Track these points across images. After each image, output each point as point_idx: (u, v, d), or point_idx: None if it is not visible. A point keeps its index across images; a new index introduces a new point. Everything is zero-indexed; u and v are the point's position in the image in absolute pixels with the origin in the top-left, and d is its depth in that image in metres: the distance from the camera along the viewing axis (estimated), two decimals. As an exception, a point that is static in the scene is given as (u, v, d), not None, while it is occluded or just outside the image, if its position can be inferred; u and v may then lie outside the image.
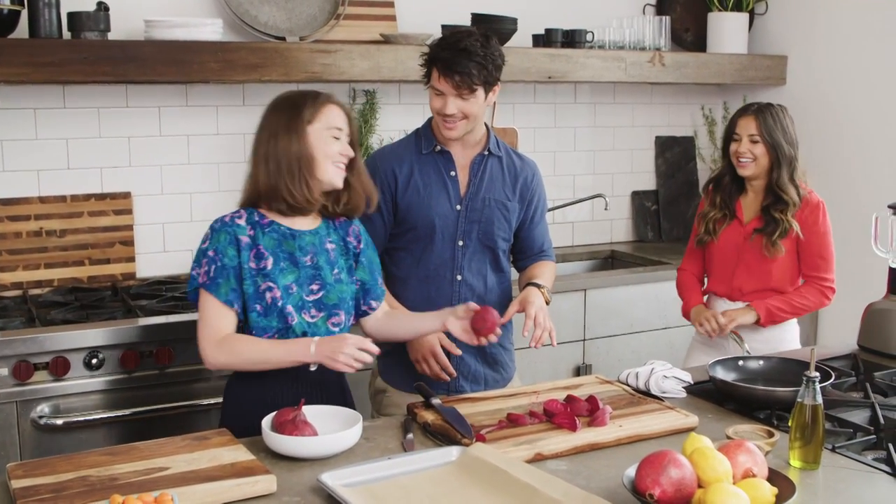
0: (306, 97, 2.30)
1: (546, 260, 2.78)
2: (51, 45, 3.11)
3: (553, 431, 2.10)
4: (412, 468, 1.92)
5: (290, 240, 2.29)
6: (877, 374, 2.58)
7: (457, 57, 2.44)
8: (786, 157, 2.99)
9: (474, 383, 2.67)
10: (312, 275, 2.31)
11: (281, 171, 2.25)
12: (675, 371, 2.45)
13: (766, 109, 3.03)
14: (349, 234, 2.41)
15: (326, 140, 2.27)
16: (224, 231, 2.25)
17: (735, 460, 1.75)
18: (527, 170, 2.72)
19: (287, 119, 2.27)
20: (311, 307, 2.29)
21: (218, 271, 2.23)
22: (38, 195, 3.44)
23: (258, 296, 2.24)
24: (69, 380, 2.91)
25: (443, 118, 2.51)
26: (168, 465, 1.88)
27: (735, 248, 3.07)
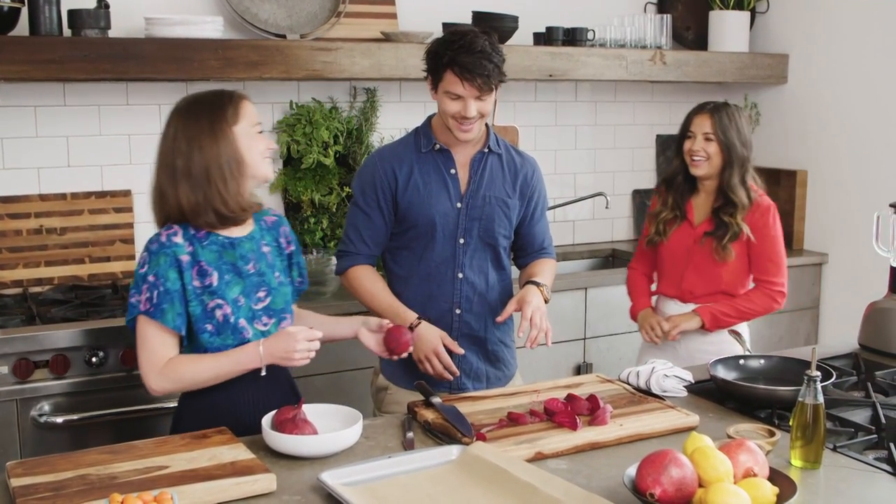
0: (221, 97, 2.20)
1: (546, 257, 2.78)
2: (51, 43, 3.11)
3: (553, 430, 2.09)
4: (412, 467, 1.91)
5: (230, 249, 2.21)
6: (878, 373, 2.57)
7: (478, 60, 2.41)
8: (738, 158, 2.95)
9: (476, 381, 2.67)
10: (258, 282, 2.23)
11: (211, 181, 2.12)
12: (675, 370, 2.45)
13: (721, 108, 3.00)
14: (280, 235, 2.36)
15: (254, 137, 2.20)
16: (162, 253, 2.13)
17: (736, 460, 1.74)
18: (527, 167, 2.71)
19: (209, 124, 2.15)
20: (261, 315, 2.23)
21: (161, 297, 2.11)
22: (38, 193, 3.44)
23: (207, 315, 2.15)
24: (69, 378, 2.91)
25: (460, 121, 2.48)
26: (167, 464, 1.88)
27: (685, 250, 3.04)
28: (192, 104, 2.20)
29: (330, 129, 3.69)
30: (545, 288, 2.60)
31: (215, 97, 2.20)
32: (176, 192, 2.15)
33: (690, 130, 3.00)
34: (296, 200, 3.73)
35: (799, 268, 4.26)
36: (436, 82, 2.51)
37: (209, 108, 2.17)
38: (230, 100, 2.19)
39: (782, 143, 4.44)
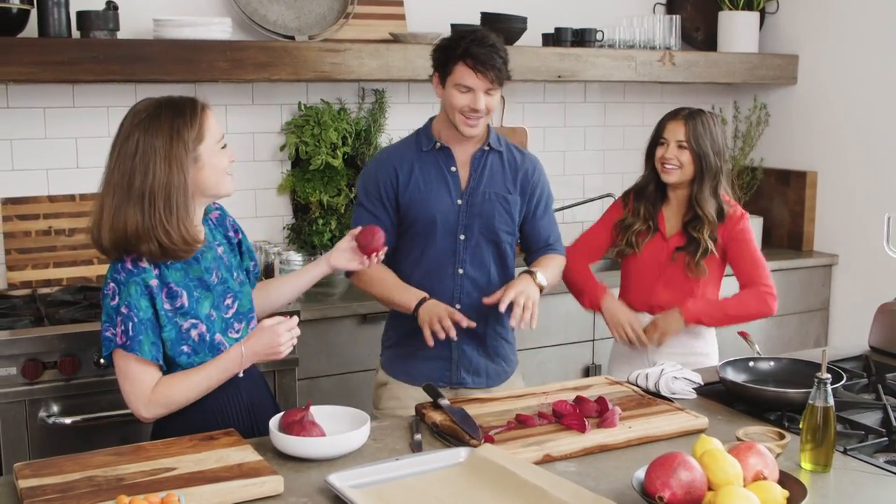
0: (184, 112, 2.06)
1: (553, 253, 2.79)
2: (60, 45, 3.11)
3: (562, 433, 2.08)
4: (420, 469, 1.91)
5: (194, 265, 2.15)
6: (889, 375, 2.55)
7: (490, 52, 2.48)
8: (710, 169, 2.85)
9: (476, 376, 2.69)
10: (223, 290, 2.20)
11: (156, 208, 2.00)
12: (685, 372, 2.43)
13: (696, 116, 2.88)
14: (228, 229, 2.31)
15: (218, 154, 2.10)
16: (132, 282, 2.04)
17: (746, 463, 1.73)
18: (527, 164, 2.74)
19: (167, 144, 2.02)
20: (233, 322, 2.21)
21: (136, 328, 2.04)
22: (47, 194, 3.44)
23: (182, 337, 2.10)
24: (78, 379, 2.91)
25: (466, 115, 2.52)
26: (175, 466, 1.88)
27: (657, 264, 2.94)
28: (153, 117, 2.04)
29: (338, 131, 3.69)
30: (538, 274, 2.60)
31: (178, 111, 2.06)
32: (124, 213, 2.02)
33: (663, 137, 2.89)
34: (304, 202, 3.73)
35: (809, 269, 4.24)
36: (444, 76, 2.53)
37: (170, 125, 2.03)
38: (193, 114, 2.06)
39: (792, 144, 4.42)
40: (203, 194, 2.12)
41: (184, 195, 2.04)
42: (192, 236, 2.08)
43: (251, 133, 3.71)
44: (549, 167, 4.27)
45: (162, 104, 2.07)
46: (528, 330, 2.55)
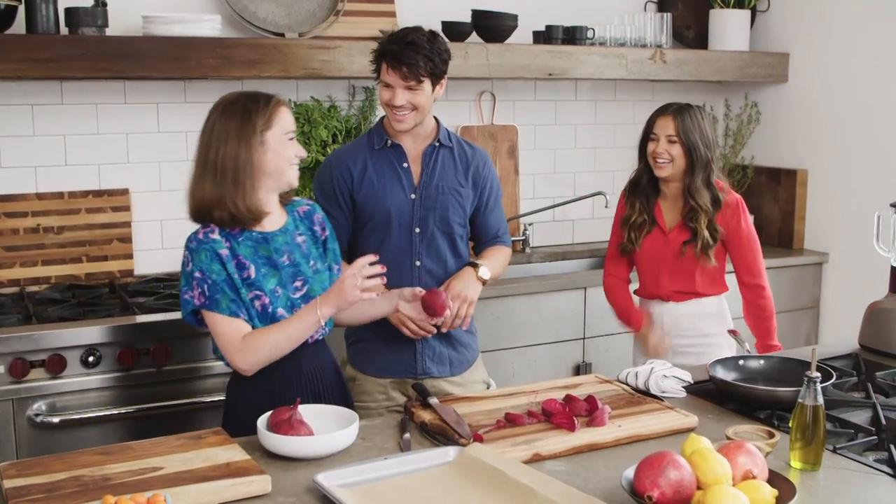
0: (258, 101, 2.26)
1: (500, 245, 2.87)
2: (48, 41, 3.10)
3: (551, 431, 2.08)
4: (409, 468, 1.90)
5: (264, 244, 2.30)
6: (878, 373, 2.55)
7: (404, 49, 2.54)
8: (701, 160, 2.93)
9: (440, 365, 2.74)
10: (293, 273, 2.32)
11: (227, 180, 2.22)
12: (674, 370, 2.43)
13: (685, 110, 2.97)
14: (314, 223, 2.44)
15: (285, 144, 2.26)
16: (202, 249, 2.23)
17: (735, 462, 1.73)
18: (478, 158, 2.80)
19: (238, 124, 2.23)
20: (300, 304, 2.31)
21: (212, 289, 2.22)
22: (35, 192, 3.42)
23: (249, 304, 2.25)
24: (66, 377, 2.90)
25: (392, 111, 2.60)
26: (162, 465, 1.86)
27: (658, 256, 3.03)
28: (231, 103, 2.27)
29: (328, 128, 3.68)
30: (481, 268, 2.70)
31: (252, 100, 2.26)
32: (202, 184, 2.25)
33: (654, 132, 2.98)
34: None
35: (799, 267, 4.24)
36: (377, 74, 2.63)
37: (243, 109, 2.23)
38: (266, 104, 2.25)
39: (782, 143, 4.42)
40: (268, 177, 2.26)
41: (250, 173, 2.22)
42: (258, 209, 2.26)
43: (241, 130, 3.69)
44: (539, 165, 4.31)
45: (242, 94, 2.30)
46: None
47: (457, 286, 2.64)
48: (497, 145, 4.16)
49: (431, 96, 2.62)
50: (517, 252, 4.20)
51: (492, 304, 3.56)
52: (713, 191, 2.95)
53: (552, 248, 4.31)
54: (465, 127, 4.09)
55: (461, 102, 4.09)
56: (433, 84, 2.60)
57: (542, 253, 4.24)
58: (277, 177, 2.27)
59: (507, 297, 3.62)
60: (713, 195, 2.95)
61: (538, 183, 4.33)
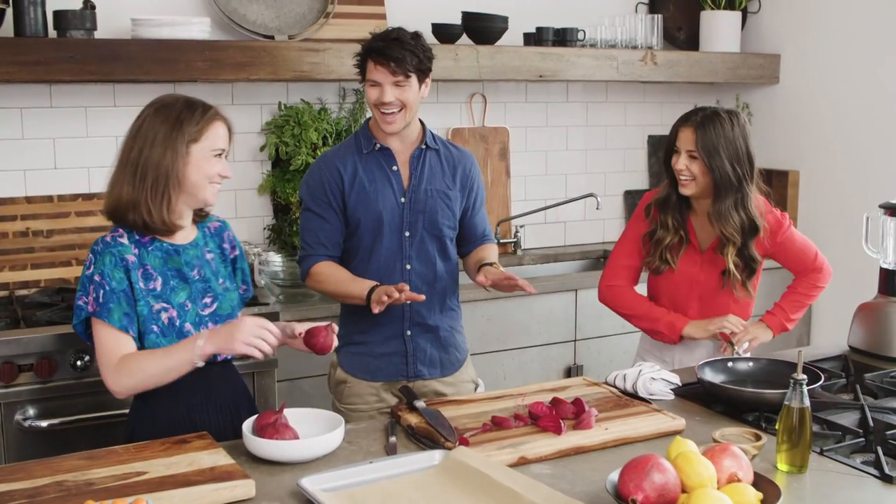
0: (194, 109, 2.18)
1: (489, 243, 2.87)
2: (36, 44, 3.09)
3: (538, 435, 2.07)
4: (394, 472, 1.89)
5: (174, 256, 2.22)
6: (867, 375, 2.55)
7: (390, 45, 2.55)
8: (726, 181, 2.59)
9: (431, 367, 2.74)
10: (203, 288, 2.25)
11: (145, 184, 2.12)
12: (662, 373, 2.43)
13: (709, 121, 2.60)
14: (224, 241, 2.38)
15: (209, 160, 2.17)
16: (108, 252, 2.14)
17: (720, 465, 1.72)
18: (465, 160, 2.80)
19: (168, 130, 2.14)
20: (208, 321, 2.23)
21: (107, 296, 2.11)
22: (24, 195, 3.41)
23: (153, 316, 2.16)
24: (54, 382, 2.88)
25: (381, 111, 2.59)
26: (146, 470, 1.86)
27: (689, 279, 2.76)
28: (166, 105, 2.20)
29: (319, 131, 3.67)
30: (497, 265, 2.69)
31: (189, 108, 2.18)
32: (121, 182, 2.16)
33: (676, 146, 2.67)
34: (284, 202, 3.71)
35: (791, 269, 4.24)
36: (363, 77, 2.62)
37: (177, 115, 2.16)
38: (201, 114, 2.17)
39: (774, 144, 4.42)
40: (186, 192, 2.17)
41: (169, 182, 2.13)
42: (172, 222, 2.17)
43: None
44: (531, 167, 4.31)
45: (181, 99, 2.22)
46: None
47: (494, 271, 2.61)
48: (488, 147, 4.15)
49: (418, 94, 2.61)
50: (509, 254, 4.20)
51: (482, 306, 3.56)
52: (748, 214, 2.63)
53: (544, 250, 4.31)
54: (455, 129, 4.08)
55: (452, 104, 4.09)
56: (419, 81, 2.60)
57: (534, 255, 4.23)
58: (194, 192, 2.18)
59: (498, 299, 3.61)
60: (748, 220, 2.63)
61: (530, 185, 4.32)
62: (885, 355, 2.74)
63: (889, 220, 2.75)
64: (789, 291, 2.85)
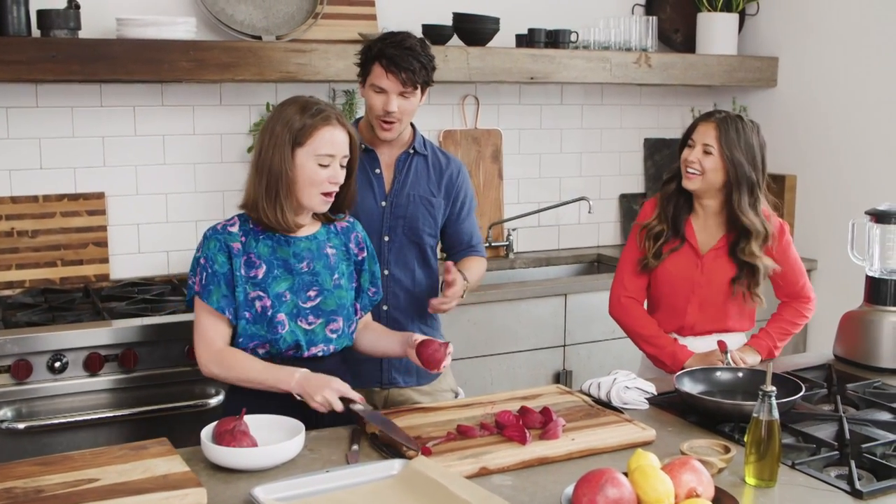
0: (305, 112, 2.19)
1: (475, 255, 2.82)
2: (19, 43, 3.07)
3: (502, 444, 2.03)
4: (351, 482, 1.86)
5: (284, 246, 2.26)
6: (849, 385, 2.50)
7: (404, 54, 2.49)
8: (745, 180, 2.61)
9: (406, 375, 2.72)
10: (309, 281, 2.27)
11: (262, 185, 2.19)
12: (637, 381, 2.38)
13: (731, 121, 2.63)
14: (350, 241, 2.39)
15: (313, 167, 2.19)
16: (214, 238, 2.23)
17: (679, 479, 1.68)
18: (452, 167, 2.76)
19: (280, 131, 2.18)
20: (308, 314, 2.26)
21: (209, 278, 2.21)
22: (9, 195, 3.40)
23: (248, 303, 2.22)
24: (31, 384, 2.87)
25: (381, 118, 2.55)
26: (98, 477, 1.83)
27: (687, 281, 2.71)
28: (287, 105, 2.23)
29: (306, 132, 3.64)
30: (468, 284, 2.63)
31: (301, 110, 2.19)
32: (252, 180, 2.24)
33: (692, 139, 2.67)
34: (272, 204, 3.68)
35: (788, 275, 4.18)
36: (364, 77, 2.57)
37: (291, 119, 2.18)
38: (309, 118, 2.18)
39: (771, 148, 4.26)
40: (296, 196, 2.21)
41: (280, 185, 2.18)
42: (287, 222, 2.21)
43: (219, 134, 3.66)
44: (525, 169, 4.27)
45: (301, 101, 2.23)
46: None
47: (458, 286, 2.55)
48: (480, 150, 4.11)
49: (418, 104, 2.58)
50: (500, 258, 4.16)
51: (469, 311, 3.52)
52: (761, 219, 2.64)
53: (537, 254, 4.26)
54: (447, 131, 4.04)
55: (443, 106, 4.05)
56: (422, 91, 2.57)
57: (526, 258, 4.19)
58: (300, 196, 2.21)
59: (485, 304, 3.57)
60: (762, 222, 2.65)
61: (523, 188, 4.28)
62: (871, 365, 2.69)
63: (875, 226, 2.70)
64: (776, 318, 2.81)
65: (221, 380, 2.25)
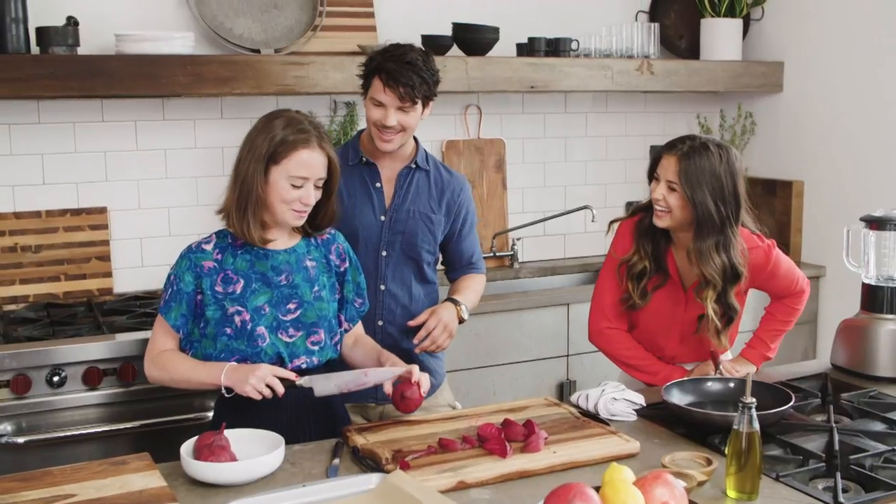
0: (288, 129, 2.19)
1: (474, 273, 2.81)
2: (17, 61, 3.10)
3: (482, 458, 2.02)
4: (328, 496, 1.86)
5: (262, 260, 2.27)
6: (844, 395, 2.47)
7: (403, 69, 2.47)
8: (709, 221, 2.40)
9: None
10: (288, 294, 2.27)
11: (234, 194, 2.22)
12: (626, 393, 2.36)
13: (697, 152, 2.40)
14: (331, 253, 2.39)
15: (285, 186, 2.19)
16: (186, 258, 2.26)
17: (651, 493, 1.66)
18: (454, 184, 2.73)
19: (259, 145, 2.19)
20: (288, 326, 2.26)
21: (172, 295, 2.24)
22: (13, 210, 3.43)
23: (227, 319, 2.23)
24: (31, 398, 2.89)
25: (380, 130, 2.53)
26: (75, 493, 1.84)
27: (669, 316, 2.61)
28: (272, 118, 2.23)
29: (307, 144, 3.65)
30: (462, 307, 2.64)
31: (284, 126, 2.20)
32: (229, 188, 2.26)
33: (657, 172, 2.49)
34: (273, 216, 3.70)
35: (796, 281, 4.14)
36: (365, 89, 2.56)
37: (273, 133, 2.19)
38: (287, 137, 2.18)
39: (778, 153, 4.32)
40: (268, 210, 2.22)
41: (250, 197, 2.18)
42: (253, 236, 2.22)
43: (220, 147, 3.68)
44: (529, 179, 4.25)
45: (287, 116, 2.24)
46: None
47: (444, 314, 2.58)
48: (484, 159, 4.11)
49: (420, 118, 2.56)
50: (505, 268, 4.15)
51: (470, 322, 3.43)
52: (729, 257, 2.44)
53: (542, 263, 4.24)
54: (450, 141, 4.04)
55: (446, 117, 4.05)
56: (424, 106, 2.55)
57: (531, 268, 4.17)
58: (274, 214, 2.23)
59: (488, 314, 3.56)
60: (728, 264, 2.45)
61: (528, 197, 4.27)
62: (867, 374, 2.64)
63: (871, 233, 2.66)
64: (767, 319, 2.73)
65: (163, 383, 2.29)
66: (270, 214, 2.24)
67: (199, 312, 2.26)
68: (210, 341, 2.25)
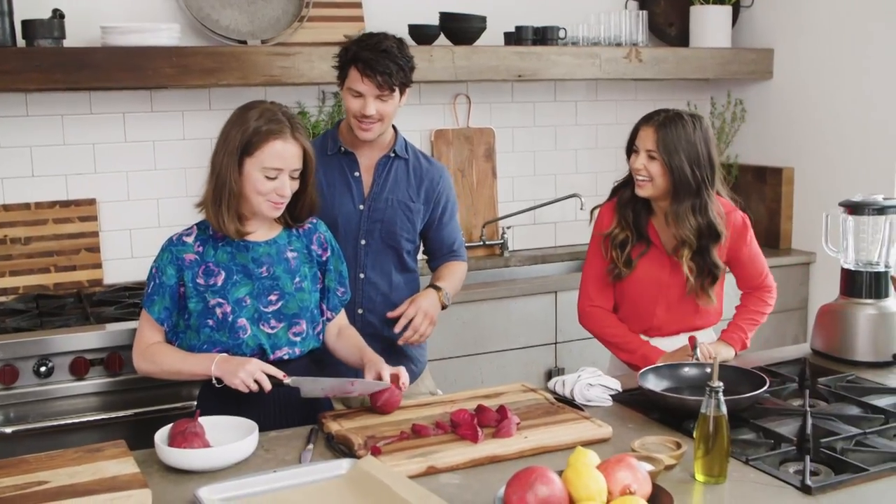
0: (261, 120, 2.19)
1: (456, 260, 2.82)
2: (3, 54, 3.12)
3: (454, 443, 2.03)
4: (299, 481, 1.87)
5: (243, 252, 2.29)
6: (821, 379, 2.47)
7: (379, 57, 2.48)
8: (686, 185, 2.54)
9: None
10: (269, 285, 2.29)
11: (211, 185, 2.23)
12: (602, 378, 2.37)
13: (672, 122, 2.55)
14: (313, 243, 2.40)
15: (260, 178, 2.20)
16: (168, 250, 2.27)
17: (613, 477, 1.67)
18: (433, 172, 2.74)
19: (234, 137, 2.20)
20: (269, 318, 2.28)
21: (155, 289, 2.27)
22: (2, 203, 3.46)
23: (209, 311, 2.25)
24: (17, 388, 2.91)
25: (359, 120, 2.54)
26: (49, 479, 1.86)
27: (654, 283, 2.69)
28: (246, 110, 2.24)
29: (294, 135, 3.66)
30: (444, 293, 2.66)
31: (258, 118, 2.20)
32: (208, 180, 2.26)
33: (636, 144, 2.62)
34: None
35: (786, 268, 4.14)
36: (342, 80, 2.56)
37: (246, 125, 2.19)
38: (265, 126, 2.18)
39: (768, 140, 4.31)
40: (246, 203, 2.24)
41: (225, 189, 2.19)
42: (230, 228, 2.22)
43: (209, 138, 3.67)
44: (518, 167, 4.26)
45: (261, 107, 2.24)
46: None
47: (424, 302, 2.60)
48: (473, 148, 4.11)
49: (398, 106, 2.58)
50: (495, 256, 4.16)
51: (457, 310, 3.52)
52: (707, 218, 2.57)
53: (532, 252, 4.25)
54: (439, 130, 4.05)
55: (434, 106, 4.06)
56: (401, 93, 2.56)
57: (521, 256, 4.18)
58: (250, 206, 2.25)
59: (476, 302, 3.57)
60: (707, 224, 2.58)
61: (517, 185, 4.27)
62: (846, 358, 2.65)
63: (849, 218, 2.66)
64: (742, 310, 2.80)
65: (154, 375, 2.31)
66: (248, 206, 2.25)
67: (183, 304, 2.28)
68: (194, 333, 2.27)
